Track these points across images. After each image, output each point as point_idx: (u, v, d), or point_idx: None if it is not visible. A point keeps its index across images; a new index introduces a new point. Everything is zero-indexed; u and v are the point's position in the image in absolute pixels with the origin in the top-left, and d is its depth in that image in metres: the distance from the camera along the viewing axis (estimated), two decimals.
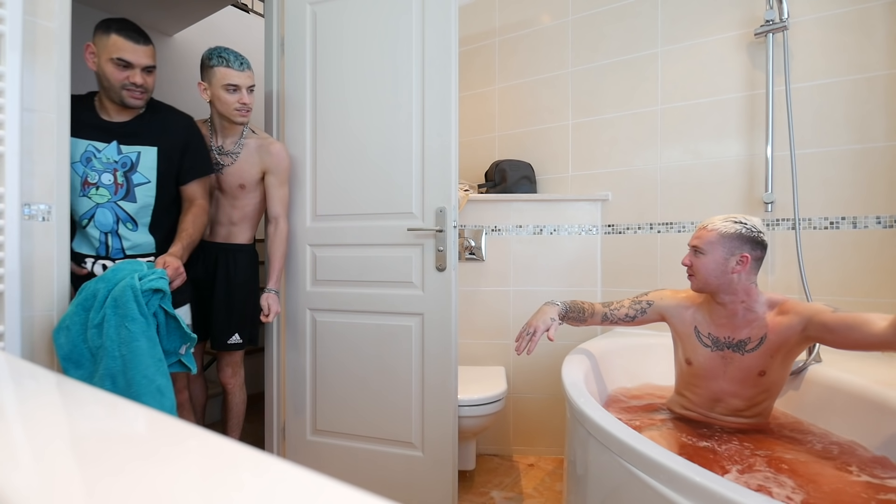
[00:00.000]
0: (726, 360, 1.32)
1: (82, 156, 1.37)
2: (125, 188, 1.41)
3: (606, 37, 2.22)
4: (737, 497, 0.73)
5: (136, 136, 1.44)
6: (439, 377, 1.62)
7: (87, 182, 1.38)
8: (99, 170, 1.38)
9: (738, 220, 1.28)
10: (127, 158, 1.41)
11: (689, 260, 1.33)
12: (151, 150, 1.45)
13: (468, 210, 2.24)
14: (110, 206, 1.41)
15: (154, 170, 1.46)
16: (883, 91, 1.71)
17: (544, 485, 1.92)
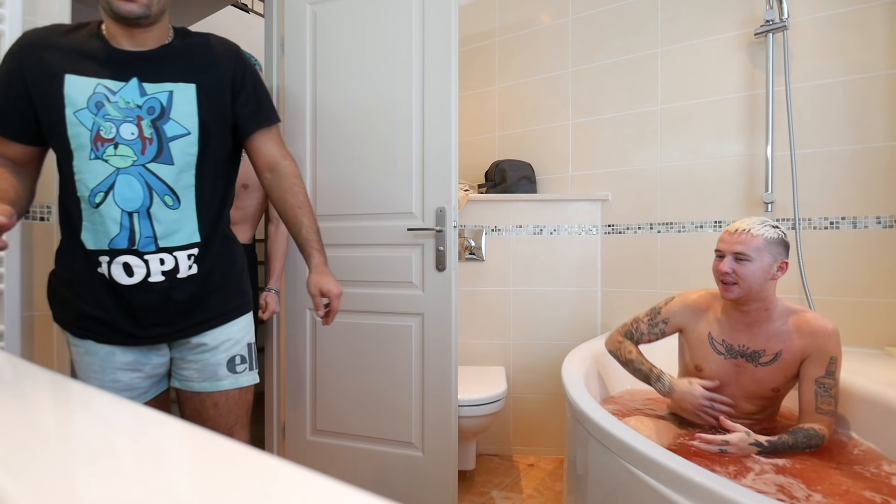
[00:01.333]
0: (739, 369, 1.29)
1: (89, 100, 0.92)
2: (156, 144, 0.95)
3: (606, 37, 2.22)
4: (737, 497, 0.73)
5: (163, 68, 0.98)
6: (439, 377, 1.62)
7: (99, 138, 0.92)
8: (116, 119, 0.92)
9: (773, 224, 1.24)
10: (154, 101, 0.96)
11: (731, 267, 1.22)
12: (188, 87, 0.99)
13: (468, 210, 2.24)
14: (137, 172, 0.94)
15: (195, 116, 0.99)
16: (883, 91, 1.71)
17: (544, 485, 1.92)
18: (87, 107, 0.92)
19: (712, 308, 1.37)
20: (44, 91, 0.92)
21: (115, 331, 0.99)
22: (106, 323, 0.99)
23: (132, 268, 0.95)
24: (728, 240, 1.25)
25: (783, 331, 1.25)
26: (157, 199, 0.96)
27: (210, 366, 1.07)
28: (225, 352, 1.08)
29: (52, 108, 0.92)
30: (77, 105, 0.92)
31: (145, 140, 0.95)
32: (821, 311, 1.75)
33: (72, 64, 0.93)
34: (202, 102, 1.00)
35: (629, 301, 2.15)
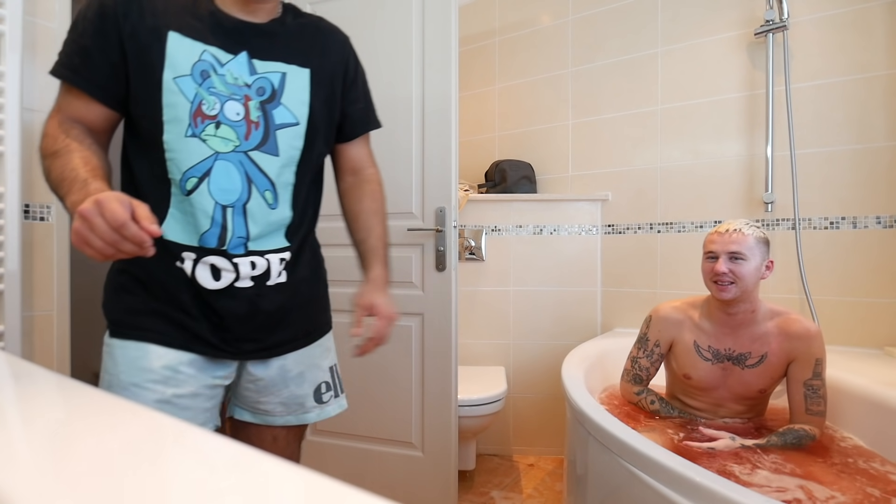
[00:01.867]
0: (726, 372, 1.30)
1: (194, 67, 0.76)
2: (262, 130, 0.80)
3: (606, 37, 2.22)
4: (737, 497, 0.73)
5: (277, 46, 0.84)
6: (439, 377, 1.62)
7: (200, 112, 0.76)
8: (221, 94, 0.77)
9: (756, 224, 1.25)
10: (265, 81, 0.81)
11: (728, 267, 1.21)
12: (302, 72, 0.85)
13: (468, 210, 2.24)
14: (238, 160, 0.79)
15: (306, 105, 0.85)
16: (882, 91, 1.71)
17: (544, 485, 1.92)
18: (190, 74, 0.75)
19: (690, 315, 1.36)
20: (142, 46, 0.75)
21: (192, 336, 0.81)
22: (180, 325, 0.80)
23: (220, 271, 0.79)
24: (720, 240, 1.24)
25: (768, 333, 1.26)
26: (255, 195, 0.80)
27: (297, 396, 0.91)
28: (312, 380, 0.93)
29: (149, 68, 0.74)
30: (179, 70, 0.75)
31: (251, 124, 0.79)
32: (821, 311, 1.75)
33: (177, 21, 0.76)
34: (315, 91, 0.86)
35: (629, 301, 2.15)
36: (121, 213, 0.56)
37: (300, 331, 0.92)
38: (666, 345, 1.39)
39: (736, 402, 1.31)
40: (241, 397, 0.90)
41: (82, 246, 0.57)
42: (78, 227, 0.57)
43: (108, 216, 0.55)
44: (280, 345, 0.88)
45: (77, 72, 0.74)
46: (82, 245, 0.57)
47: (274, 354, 0.88)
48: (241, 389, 0.89)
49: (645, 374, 1.42)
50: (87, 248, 0.57)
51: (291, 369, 0.90)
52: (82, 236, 0.56)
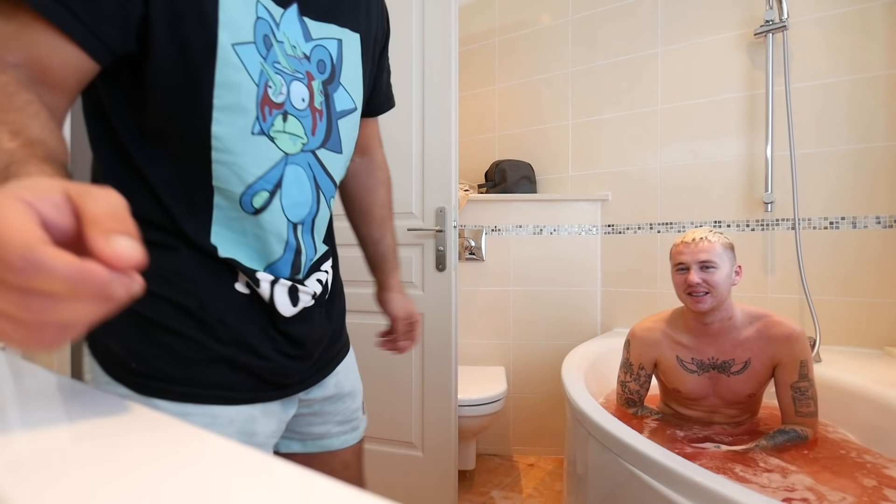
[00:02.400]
0: (713, 381, 1.29)
1: (256, 27, 0.53)
2: (325, 120, 0.62)
3: (606, 37, 2.22)
4: (737, 497, 0.73)
5: (329, 4, 0.62)
6: (439, 377, 1.62)
7: (267, 99, 0.54)
8: (286, 72, 0.56)
9: (719, 231, 1.25)
10: (323, 53, 0.61)
11: (701, 277, 1.19)
12: (353, 39, 0.65)
13: (468, 210, 2.24)
14: (306, 162, 0.60)
15: (360, 82, 0.67)
16: (883, 91, 1.71)
17: (544, 484, 1.92)
18: (254, 41, 0.52)
19: (667, 332, 1.34)
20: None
21: (261, 382, 0.61)
22: (247, 370, 0.59)
23: (298, 293, 0.61)
24: (689, 250, 1.22)
25: (749, 338, 1.24)
26: (323, 205, 0.64)
27: (352, 411, 0.79)
28: (359, 390, 0.83)
29: (193, 21, 0.48)
30: (240, 32, 0.51)
31: (315, 113, 0.60)
32: (820, 311, 1.75)
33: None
34: (364, 64, 0.67)
35: (629, 301, 2.15)
36: (20, 228, 0.24)
37: (343, 339, 0.79)
38: (650, 365, 1.37)
39: (728, 407, 1.31)
40: (288, 427, 0.72)
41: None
42: None
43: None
44: (334, 358, 0.75)
45: (66, 3, 0.42)
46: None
47: (330, 371, 0.74)
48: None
49: (636, 397, 1.39)
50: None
51: (345, 383, 0.77)
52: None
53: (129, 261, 0.26)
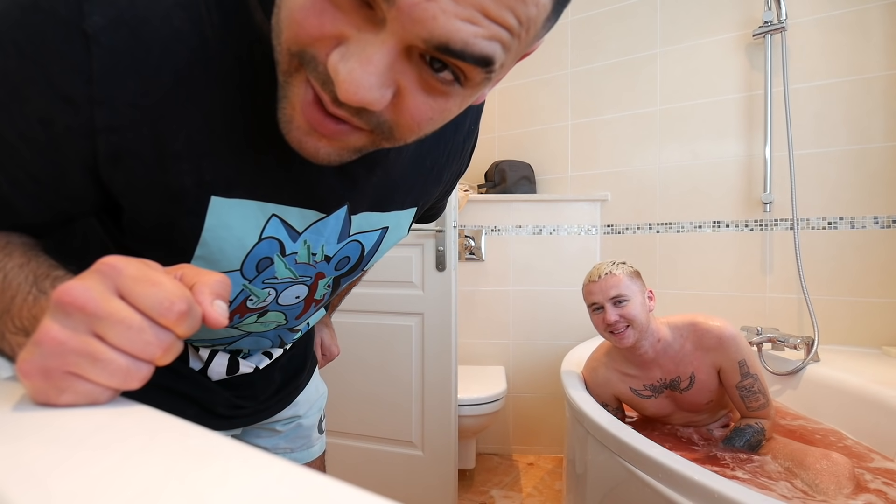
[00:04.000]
0: (671, 398, 1.29)
1: (250, 256, 0.44)
2: (325, 300, 0.58)
3: (606, 38, 2.22)
4: (737, 496, 0.74)
5: (389, 188, 0.51)
6: (439, 377, 1.63)
7: (243, 308, 0.50)
8: (283, 283, 0.50)
9: (620, 261, 1.24)
10: (354, 249, 0.53)
11: (617, 314, 1.18)
12: (407, 215, 0.56)
13: (468, 210, 2.24)
14: (275, 334, 0.59)
15: (397, 241, 0.59)
16: (881, 92, 1.71)
17: (544, 484, 1.93)
18: (239, 269, 0.45)
19: (614, 367, 1.32)
20: (150, 210, 0.40)
21: (203, 410, 0.60)
22: (198, 401, 0.58)
23: (239, 365, 0.59)
24: (598, 289, 1.21)
25: (686, 352, 1.23)
26: (283, 346, 0.64)
27: (305, 429, 0.76)
28: (317, 410, 0.79)
29: (161, 245, 0.42)
30: (218, 265, 0.45)
31: (311, 303, 0.56)
32: (819, 311, 1.75)
33: (227, 158, 0.41)
34: (412, 222, 0.59)
35: None
36: (171, 288, 0.28)
37: (308, 368, 0.77)
38: (613, 400, 1.35)
39: (694, 415, 1.32)
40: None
41: (69, 381, 0.27)
42: (58, 341, 0.26)
43: (148, 296, 0.28)
44: (291, 394, 0.73)
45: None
46: (68, 380, 0.27)
47: (286, 405, 0.72)
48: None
49: None
50: (76, 384, 0.27)
51: (303, 405, 0.75)
52: (70, 361, 0.27)
53: (219, 318, 0.30)
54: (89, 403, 0.28)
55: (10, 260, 0.35)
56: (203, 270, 0.32)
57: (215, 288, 0.31)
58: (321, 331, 0.89)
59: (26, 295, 0.33)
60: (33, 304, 0.32)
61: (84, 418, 0.27)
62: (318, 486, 0.21)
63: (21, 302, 0.33)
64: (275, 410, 0.70)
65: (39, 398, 0.28)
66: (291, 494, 0.20)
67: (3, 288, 0.33)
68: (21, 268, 0.34)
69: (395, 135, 0.34)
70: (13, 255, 0.36)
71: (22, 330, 0.32)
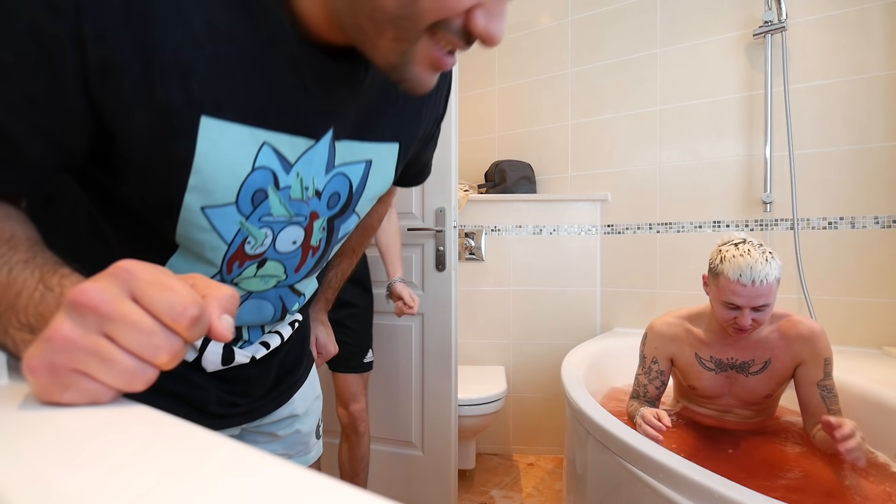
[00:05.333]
0: (731, 380, 1.28)
1: (245, 185, 0.44)
2: (321, 251, 0.57)
3: (606, 37, 2.22)
4: (737, 496, 0.74)
5: (371, 110, 0.51)
6: (439, 377, 1.63)
7: (241, 254, 0.49)
8: (279, 221, 0.49)
9: (770, 252, 1.11)
10: (341, 183, 0.52)
11: (752, 317, 1.10)
12: (390, 150, 0.56)
13: (468, 210, 2.24)
14: (277, 295, 0.57)
15: (385, 187, 0.59)
16: (881, 92, 1.71)
17: (544, 484, 1.93)
18: (235, 202, 0.45)
19: (688, 329, 1.31)
20: (141, 133, 0.39)
21: (193, 409, 0.59)
22: (178, 396, 0.57)
23: (234, 355, 0.57)
24: (747, 294, 1.08)
25: (770, 339, 1.22)
26: (286, 311, 0.61)
27: (303, 436, 0.75)
28: (314, 414, 0.78)
29: (152, 177, 0.42)
30: (214, 196, 0.44)
31: (308, 250, 0.54)
32: (819, 311, 1.76)
33: (217, 76, 0.40)
34: (399, 166, 0.58)
35: (628, 301, 2.15)
36: (184, 293, 0.29)
37: (304, 364, 0.75)
38: (665, 361, 1.32)
39: (742, 407, 1.30)
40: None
41: (73, 379, 0.27)
42: (70, 339, 0.27)
43: (161, 300, 0.28)
44: (287, 391, 0.71)
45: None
46: (72, 377, 0.27)
47: (282, 404, 0.71)
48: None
49: (643, 391, 1.35)
50: (82, 384, 0.28)
51: (300, 405, 0.74)
52: (78, 360, 0.27)
53: (224, 332, 0.31)
54: (92, 402, 0.28)
55: (14, 254, 0.35)
56: (214, 283, 0.33)
57: (224, 302, 0.31)
58: (316, 328, 0.89)
59: (32, 291, 0.33)
60: (39, 300, 0.33)
61: (85, 419, 0.27)
62: (318, 486, 0.21)
63: (27, 298, 0.33)
64: (271, 408, 0.69)
65: (43, 395, 0.28)
66: (292, 494, 0.20)
67: (8, 283, 0.33)
68: (26, 263, 0.35)
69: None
70: (18, 249, 0.36)
71: (27, 326, 0.32)
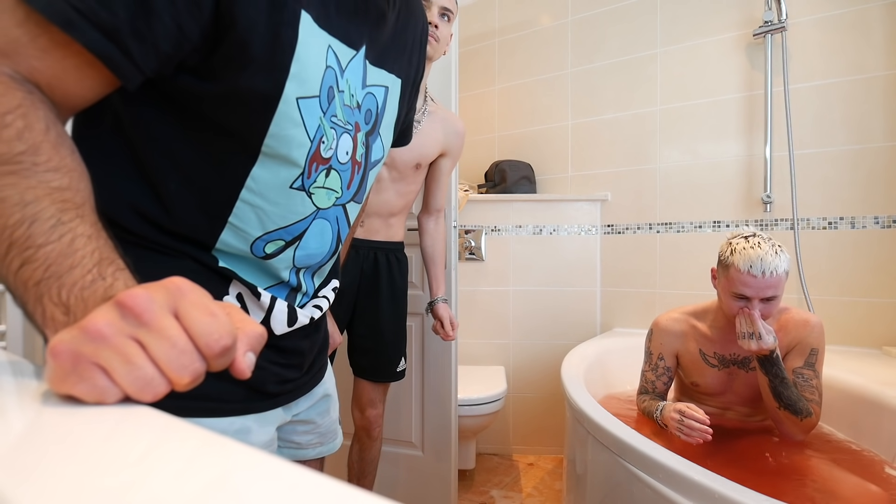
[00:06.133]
0: (732, 376, 1.28)
1: (324, 78, 0.49)
2: (361, 172, 0.60)
3: (606, 37, 2.22)
4: (737, 497, 0.74)
5: (389, 40, 0.59)
6: (439, 377, 1.63)
7: (318, 156, 0.52)
8: (339, 125, 0.53)
9: (779, 245, 1.13)
10: (372, 102, 0.58)
11: (761, 309, 1.11)
12: (395, 84, 0.62)
13: (468, 210, 2.24)
14: (335, 216, 0.59)
15: (391, 132, 0.65)
16: (881, 92, 1.71)
17: (544, 484, 1.93)
18: (318, 94, 0.48)
19: (693, 325, 1.32)
20: (255, 27, 0.42)
21: (251, 391, 0.57)
22: (246, 382, 0.55)
23: (297, 315, 0.59)
24: (756, 285, 1.09)
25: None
26: (335, 253, 0.63)
27: (333, 422, 0.76)
28: (337, 400, 0.79)
29: (261, 70, 0.44)
30: (307, 84, 0.47)
31: (355, 165, 0.57)
32: (819, 311, 1.76)
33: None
34: (400, 109, 0.64)
35: (628, 301, 2.15)
36: (224, 322, 0.30)
37: (327, 343, 0.76)
38: (671, 357, 1.33)
39: (743, 404, 1.31)
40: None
41: (92, 377, 0.27)
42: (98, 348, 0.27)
43: (201, 324, 0.29)
44: (325, 364, 0.72)
45: (117, 39, 0.37)
46: (93, 376, 0.27)
47: (321, 378, 0.72)
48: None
49: (651, 388, 1.36)
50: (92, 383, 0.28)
51: (331, 392, 0.74)
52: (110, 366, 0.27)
53: (244, 369, 0.32)
54: (98, 401, 0.28)
55: (81, 224, 0.34)
56: (248, 318, 0.34)
57: (252, 340, 0.33)
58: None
59: (85, 273, 0.32)
60: (89, 284, 0.32)
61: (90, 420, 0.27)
62: (318, 486, 0.21)
63: (79, 277, 0.32)
64: (313, 384, 0.70)
65: (56, 381, 0.28)
66: (292, 495, 0.20)
67: (66, 253, 0.32)
68: (89, 239, 0.34)
69: None
70: (85, 219, 0.35)
71: (63, 304, 0.32)
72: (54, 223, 0.33)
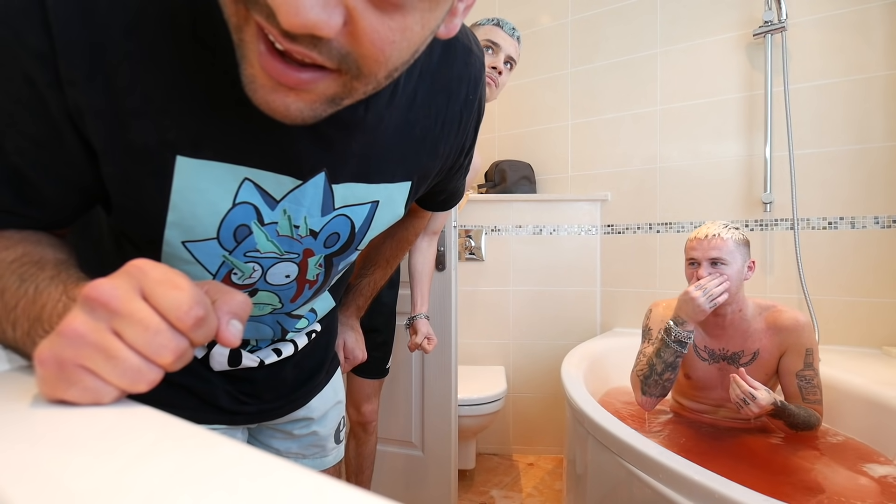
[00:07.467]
0: (723, 372, 1.30)
1: (225, 222, 0.43)
2: (319, 284, 0.56)
3: (606, 37, 2.22)
4: (737, 497, 0.74)
5: (375, 155, 0.47)
6: (439, 377, 1.63)
7: (228, 283, 0.49)
8: (268, 258, 0.48)
9: (735, 226, 1.24)
10: (342, 224, 0.50)
11: (710, 273, 1.19)
12: (400, 189, 0.52)
13: (468, 210, 2.24)
14: (273, 320, 0.57)
15: (395, 220, 0.56)
16: (881, 92, 1.71)
17: (544, 484, 1.93)
18: (216, 237, 0.45)
19: None
20: (118, 172, 0.41)
21: (203, 403, 0.58)
22: (189, 390, 0.57)
23: (241, 358, 0.58)
24: (700, 246, 1.21)
25: (757, 329, 1.26)
26: (287, 333, 0.61)
27: (320, 438, 0.74)
28: (334, 418, 0.76)
29: (139, 219, 0.44)
30: (194, 232, 0.45)
31: (304, 283, 0.53)
32: (819, 311, 1.76)
33: (189, 118, 0.39)
34: (411, 199, 0.55)
35: (628, 301, 2.15)
36: (191, 293, 0.29)
37: (324, 370, 0.73)
38: None
39: None
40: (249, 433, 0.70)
41: (79, 375, 0.27)
42: (82, 333, 0.27)
43: (168, 299, 0.28)
44: (303, 396, 0.69)
45: (9, 211, 0.39)
46: (80, 374, 0.27)
47: (296, 408, 0.69)
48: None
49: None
50: (88, 381, 0.28)
51: (317, 408, 0.72)
52: (86, 355, 0.27)
53: (231, 337, 0.31)
54: (94, 402, 0.28)
55: (41, 272, 0.36)
56: (228, 289, 0.33)
57: (234, 307, 0.32)
58: (345, 333, 0.88)
59: (56, 303, 0.34)
60: (63, 310, 0.33)
61: (89, 420, 0.27)
62: (318, 486, 0.21)
63: (51, 309, 0.34)
64: (286, 411, 0.67)
65: (48, 389, 0.28)
66: (292, 495, 0.20)
67: (34, 298, 0.35)
68: (52, 279, 0.36)
69: (363, 69, 0.31)
70: (45, 268, 0.37)
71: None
72: (18, 284, 0.35)
